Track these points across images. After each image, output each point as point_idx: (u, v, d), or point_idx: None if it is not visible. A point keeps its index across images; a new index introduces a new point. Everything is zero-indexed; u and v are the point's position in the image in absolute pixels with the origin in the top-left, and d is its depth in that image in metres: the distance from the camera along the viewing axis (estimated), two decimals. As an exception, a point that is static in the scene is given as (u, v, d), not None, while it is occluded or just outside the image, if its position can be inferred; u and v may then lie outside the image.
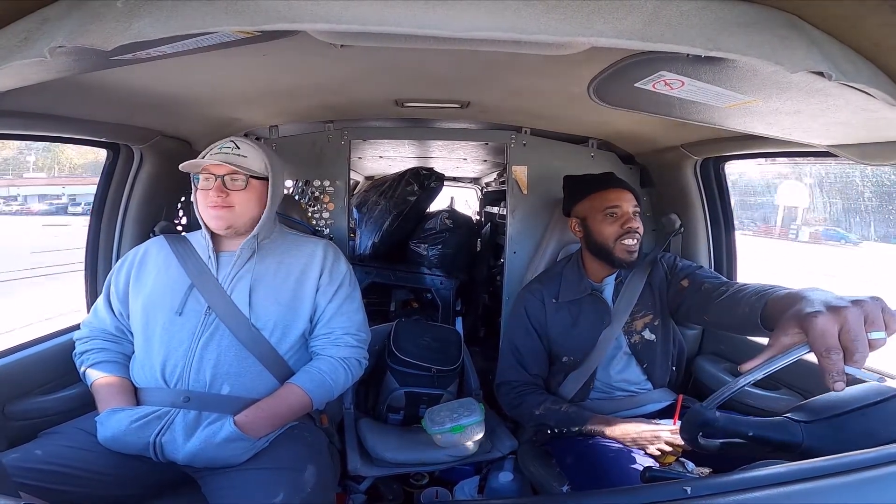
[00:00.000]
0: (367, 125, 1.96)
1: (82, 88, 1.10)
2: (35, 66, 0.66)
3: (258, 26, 0.58)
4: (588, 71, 0.94)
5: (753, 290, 1.05)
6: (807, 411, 0.75)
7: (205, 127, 1.64)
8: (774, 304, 0.94)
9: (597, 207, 1.44)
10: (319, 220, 1.93)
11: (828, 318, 0.68)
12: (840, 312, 0.68)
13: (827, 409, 0.75)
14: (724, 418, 0.74)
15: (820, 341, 0.67)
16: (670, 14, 0.58)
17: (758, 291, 1.03)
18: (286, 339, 1.25)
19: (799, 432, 0.73)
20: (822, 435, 0.72)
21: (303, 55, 1.06)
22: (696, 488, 0.59)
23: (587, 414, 1.35)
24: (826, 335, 0.67)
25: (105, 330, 1.28)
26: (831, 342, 0.67)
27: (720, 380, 1.57)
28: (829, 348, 0.66)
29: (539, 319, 1.50)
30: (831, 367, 0.65)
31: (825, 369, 0.66)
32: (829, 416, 0.74)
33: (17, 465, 0.98)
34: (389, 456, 1.57)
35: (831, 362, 0.65)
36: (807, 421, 0.74)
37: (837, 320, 0.68)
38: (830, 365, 0.65)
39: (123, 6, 0.57)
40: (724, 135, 1.41)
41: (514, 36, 0.58)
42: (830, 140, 1.04)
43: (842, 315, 0.68)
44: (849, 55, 0.66)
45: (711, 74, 0.75)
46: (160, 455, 1.10)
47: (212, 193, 1.23)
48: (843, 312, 0.68)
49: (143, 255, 1.33)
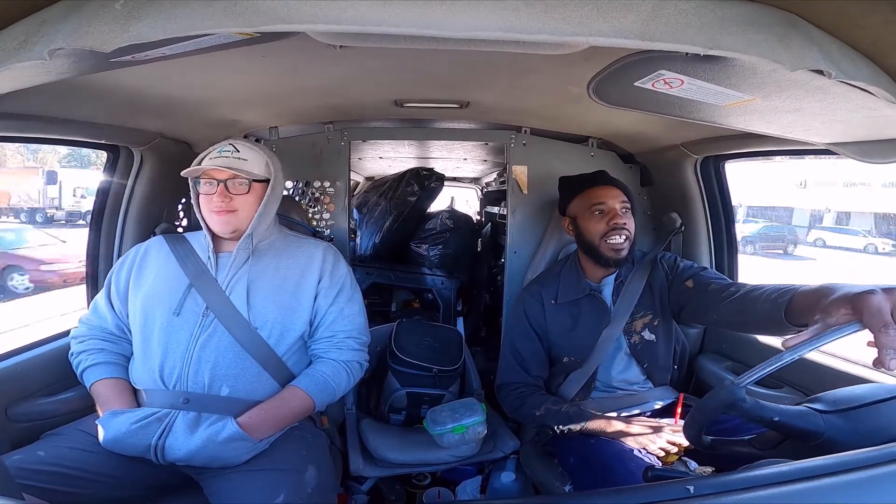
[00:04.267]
0: (366, 126, 1.96)
1: (81, 90, 1.10)
2: (34, 69, 0.65)
3: (257, 28, 0.58)
4: (587, 70, 0.94)
5: (773, 289, 1.07)
6: (825, 402, 0.76)
7: (205, 128, 1.64)
8: (801, 298, 0.96)
9: (584, 205, 1.45)
10: (320, 221, 1.93)
11: (882, 297, 0.71)
12: (893, 293, 0.72)
13: (847, 402, 0.75)
14: (752, 401, 0.74)
15: (877, 317, 0.69)
16: (669, 13, 0.58)
17: (778, 289, 1.05)
18: (284, 341, 1.25)
19: (822, 422, 0.73)
20: (842, 426, 0.73)
21: (302, 56, 1.06)
22: (698, 487, 0.60)
23: (588, 414, 1.35)
24: (882, 312, 0.69)
25: (104, 329, 1.28)
26: (888, 318, 0.69)
27: (722, 378, 1.57)
28: (886, 324, 0.69)
29: (539, 321, 1.50)
30: (889, 342, 0.68)
31: (882, 345, 0.68)
32: (850, 408, 0.75)
33: (20, 466, 0.99)
34: (391, 456, 1.57)
35: (889, 338, 0.68)
36: (827, 411, 0.74)
37: (891, 300, 0.71)
38: (888, 341, 0.68)
39: (122, 8, 0.57)
40: (724, 133, 1.41)
41: (514, 36, 0.58)
42: (830, 138, 1.04)
43: (894, 295, 0.71)
44: (848, 53, 0.66)
45: (711, 73, 0.75)
46: (161, 458, 1.09)
47: (215, 198, 1.22)
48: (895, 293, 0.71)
49: (144, 254, 1.32)
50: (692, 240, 1.78)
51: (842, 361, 1.33)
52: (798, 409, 0.75)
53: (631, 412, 1.41)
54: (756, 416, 0.74)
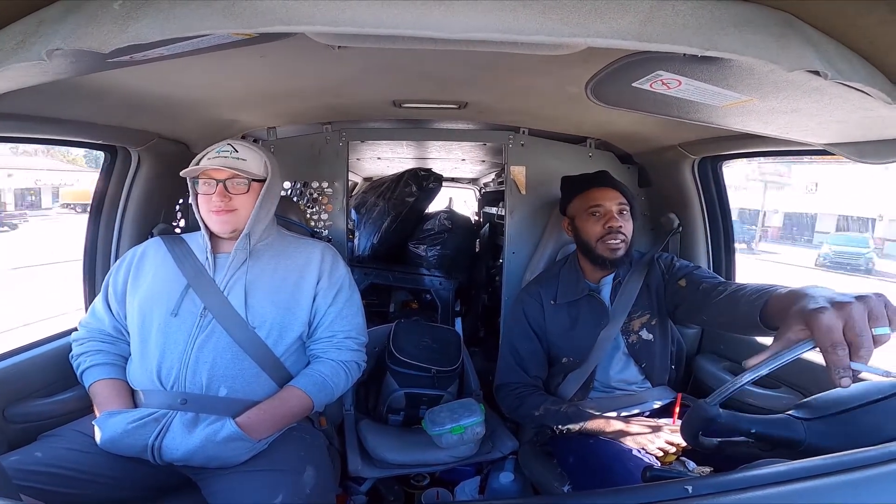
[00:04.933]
0: (365, 126, 1.96)
1: (79, 91, 1.10)
2: (32, 69, 0.65)
3: (255, 28, 0.58)
4: (585, 71, 0.94)
5: (753, 290, 1.05)
6: (809, 408, 0.75)
7: (203, 129, 1.64)
8: (775, 302, 0.94)
9: (582, 207, 1.46)
10: (318, 221, 1.92)
11: (832, 314, 0.68)
12: (844, 308, 0.68)
13: (829, 407, 0.75)
14: (727, 415, 0.74)
15: (825, 337, 0.67)
16: (666, 14, 0.58)
17: (757, 290, 1.03)
18: (283, 341, 1.25)
19: (801, 430, 0.73)
20: (825, 432, 0.72)
21: (300, 57, 1.06)
22: (697, 487, 0.59)
23: (587, 414, 1.35)
24: (832, 331, 0.67)
25: (102, 331, 1.28)
26: (836, 338, 0.66)
27: (719, 378, 1.57)
28: (834, 344, 0.66)
29: (538, 321, 1.50)
30: (837, 362, 0.65)
31: (831, 365, 0.65)
32: (832, 414, 0.74)
33: (18, 467, 0.98)
34: (390, 457, 1.57)
35: (837, 358, 0.65)
36: (809, 418, 0.74)
37: (842, 316, 0.68)
38: (837, 360, 0.65)
39: (120, 8, 0.57)
40: (721, 134, 1.42)
41: (512, 37, 0.58)
42: (827, 138, 1.04)
43: (846, 311, 0.68)
44: (845, 54, 0.67)
45: (708, 74, 0.76)
46: (158, 458, 1.09)
47: (214, 198, 1.22)
48: (848, 308, 0.68)
49: (142, 256, 1.32)
50: (690, 240, 1.78)
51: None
52: (776, 417, 0.75)
53: (629, 412, 1.41)
54: (734, 429, 0.74)
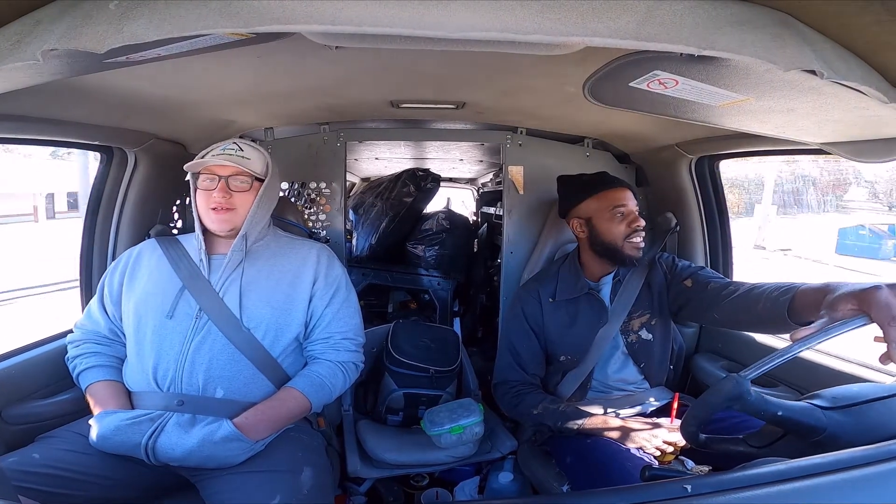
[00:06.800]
0: (362, 127, 1.95)
1: (75, 91, 1.10)
2: (27, 70, 0.65)
3: (252, 28, 0.58)
4: (583, 70, 0.94)
5: (773, 287, 1.10)
6: (826, 399, 0.77)
7: (199, 130, 1.63)
8: (806, 295, 0.99)
9: (604, 207, 1.44)
10: (316, 222, 1.92)
11: (889, 292, 0.75)
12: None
13: (848, 398, 0.76)
14: (757, 394, 0.74)
15: (885, 311, 0.73)
16: (664, 14, 0.59)
17: (778, 287, 1.08)
18: (279, 342, 1.25)
19: (823, 418, 0.74)
20: (844, 422, 0.74)
21: (297, 57, 1.06)
22: (696, 486, 0.60)
23: (585, 413, 1.35)
24: (890, 307, 0.73)
25: (98, 332, 1.27)
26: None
27: (717, 377, 1.58)
28: (894, 318, 0.72)
29: (536, 319, 1.50)
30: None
31: (892, 339, 0.71)
32: (851, 405, 0.75)
33: (15, 468, 0.98)
34: (389, 457, 1.56)
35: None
36: (829, 408, 0.75)
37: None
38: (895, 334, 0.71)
39: (116, 8, 0.57)
40: (718, 133, 1.42)
41: (509, 36, 0.58)
42: (824, 138, 1.05)
43: None
44: (841, 53, 0.67)
45: (705, 73, 0.76)
46: (152, 457, 1.09)
47: (215, 194, 1.22)
48: None
49: (137, 257, 1.32)
50: (687, 239, 1.79)
51: (837, 360, 1.34)
52: (801, 404, 0.76)
53: (627, 412, 1.41)
54: (760, 410, 0.74)
